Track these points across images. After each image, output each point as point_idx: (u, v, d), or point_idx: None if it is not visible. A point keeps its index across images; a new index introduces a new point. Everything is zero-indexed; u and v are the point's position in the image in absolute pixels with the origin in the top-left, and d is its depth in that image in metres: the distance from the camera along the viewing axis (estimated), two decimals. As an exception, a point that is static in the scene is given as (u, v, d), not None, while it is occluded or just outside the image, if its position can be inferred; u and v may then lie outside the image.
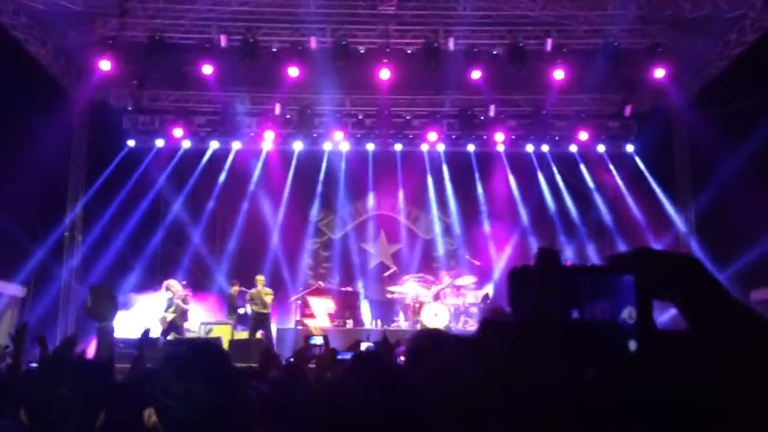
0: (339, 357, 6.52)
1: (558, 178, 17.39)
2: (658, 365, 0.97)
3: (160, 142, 16.81)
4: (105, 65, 13.76)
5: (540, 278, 1.01)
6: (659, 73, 14.32)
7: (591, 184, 17.23)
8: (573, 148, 17.21)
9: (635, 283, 1.00)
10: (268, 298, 13.98)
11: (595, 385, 0.96)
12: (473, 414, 0.97)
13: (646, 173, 16.75)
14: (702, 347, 0.99)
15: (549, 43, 14.19)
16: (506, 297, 1.05)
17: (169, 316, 13.33)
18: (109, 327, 3.04)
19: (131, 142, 16.75)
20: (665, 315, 1.08)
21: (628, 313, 0.99)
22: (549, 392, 0.94)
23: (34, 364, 5.55)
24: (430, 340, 2.84)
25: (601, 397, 0.96)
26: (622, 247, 14.86)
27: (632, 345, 0.98)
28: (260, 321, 13.76)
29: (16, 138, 13.29)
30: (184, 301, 13.64)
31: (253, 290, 14.01)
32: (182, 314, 13.51)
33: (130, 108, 16.11)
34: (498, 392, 0.96)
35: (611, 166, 17.16)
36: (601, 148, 17.16)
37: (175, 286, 13.66)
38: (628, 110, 16.24)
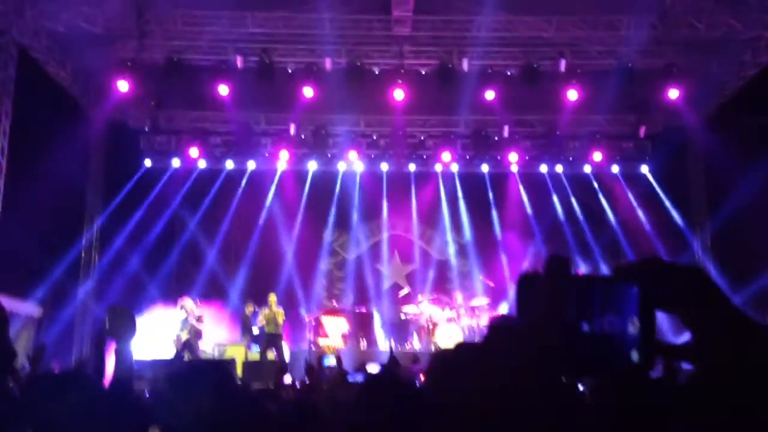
0: (350, 378, 6.52)
1: (572, 198, 17.36)
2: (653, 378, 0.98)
3: (176, 162, 16.95)
4: (123, 86, 13.92)
5: (550, 285, 1.01)
6: (673, 93, 14.31)
7: (605, 205, 17.18)
8: (587, 169, 17.20)
9: (639, 293, 1.01)
10: (280, 318, 13.96)
11: (593, 394, 0.97)
12: (477, 419, 0.98)
13: (661, 194, 16.69)
14: (703, 360, 0.99)
15: (563, 64, 14.23)
16: (515, 303, 1.06)
17: (184, 336, 13.35)
18: (128, 347, 3.06)
19: (148, 162, 16.91)
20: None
21: (632, 324, 1.00)
22: (549, 399, 0.95)
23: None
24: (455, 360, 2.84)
25: (598, 407, 0.97)
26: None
27: (634, 356, 0.98)
28: (272, 341, 13.74)
29: (35, 157, 13.45)
30: (199, 320, 13.66)
31: (266, 310, 14.00)
32: (197, 334, 13.53)
33: (147, 128, 16.29)
34: (501, 397, 0.96)
35: (625, 187, 17.11)
36: (615, 169, 17.13)
37: (189, 305, 13.70)
38: (642, 131, 16.23)
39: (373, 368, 7.56)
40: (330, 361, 10.85)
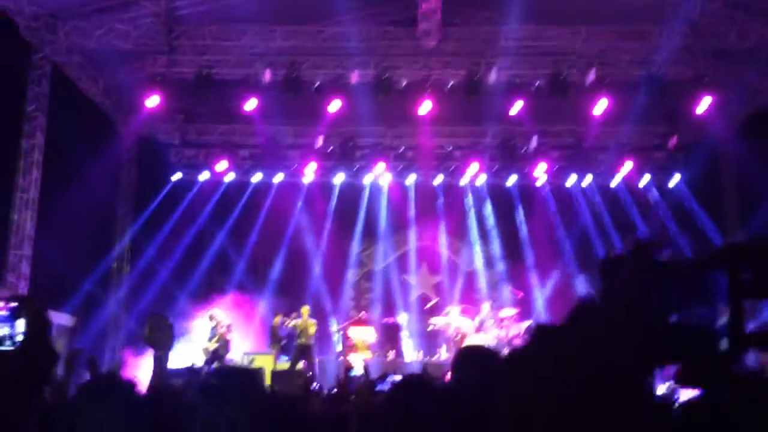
0: (378, 388, 6.51)
1: (601, 210, 17.19)
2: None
3: (205, 175, 17.14)
4: (153, 101, 14.12)
5: (634, 271, 0.98)
6: (705, 103, 14.11)
7: (635, 217, 16.98)
8: (616, 180, 17.02)
9: (728, 281, 0.96)
10: (312, 329, 14.00)
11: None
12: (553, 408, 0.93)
13: (693, 205, 16.45)
14: None
15: (592, 74, 14.13)
16: (596, 287, 1.02)
17: (212, 346, 13.45)
18: (166, 355, 3.10)
19: (177, 175, 17.12)
20: None
21: (720, 313, 0.96)
22: (627, 387, 0.91)
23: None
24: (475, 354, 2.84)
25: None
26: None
27: (723, 344, 0.94)
28: (303, 351, 13.77)
29: (68, 172, 13.70)
30: (227, 330, 13.75)
31: (299, 320, 14.04)
32: (225, 344, 13.62)
33: (176, 142, 16.50)
34: (578, 386, 0.92)
35: (656, 198, 16.90)
36: (645, 180, 16.94)
37: (218, 315, 13.80)
38: (673, 141, 16.03)
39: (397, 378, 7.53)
40: (358, 371, 10.85)
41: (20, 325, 2.12)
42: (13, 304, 2.17)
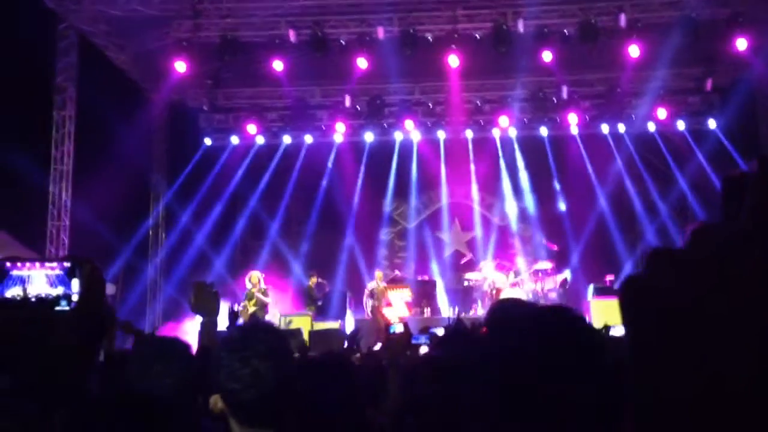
0: (414, 341, 6.54)
1: (636, 158, 16.90)
2: None
3: (235, 140, 17.21)
4: (180, 66, 14.12)
5: (760, 186, 0.91)
6: (741, 44, 13.65)
7: (672, 163, 16.67)
8: (651, 127, 16.68)
9: None
10: (385, 292, 14.42)
11: None
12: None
13: (731, 148, 16.08)
14: None
15: (622, 19, 13.71)
16: (720, 206, 0.93)
17: (250, 309, 13.63)
18: (214, 321, 3.14)
19: (208, 141, 17.21)
20: None
21: None
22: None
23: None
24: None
25: None
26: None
27: None
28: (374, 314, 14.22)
29: (101, 141, 13.84)
30: (265, 293, 13.92)
31: (373, 284, 14.60)
32: (263, 306, 13.80)
33: (205, 107, 16.52)
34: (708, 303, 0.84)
35: (692, 143, 16.55)
36: (681, 125, 16.57)
37: (256, 278, 13.96)
38: (708, 84, 15.59)
39: (438, 332, 7.53)
40: (398, 328, 10.91)
41: (75, 284, 2.14)
42: (68, 264, 2.20)
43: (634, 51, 14.01)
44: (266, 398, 1.92)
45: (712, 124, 16.44)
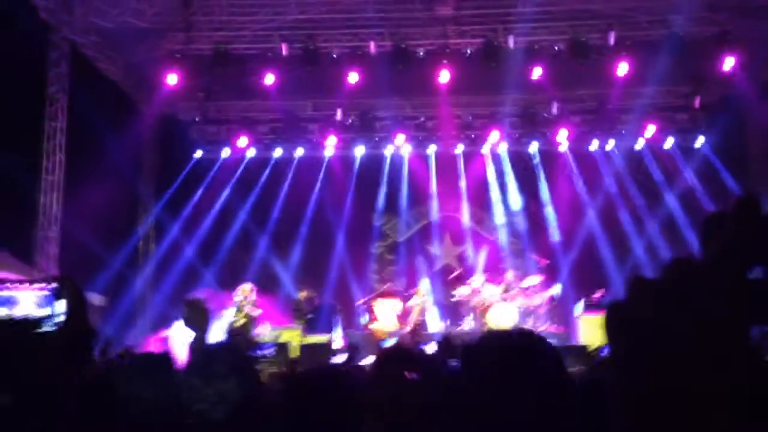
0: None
1: (625, 174, 17.01)
2: None
3: (226, 152, 17.22)
4: (172, 79, 14.15)
5: (738, 225, 0.94)
6: (729, 62, 13.84)
7: (660, 179, 16.79)
8: (640, 143, 16.82)
9: None
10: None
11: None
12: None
13: (719, 165, 16.21)
14: None
15: (611, 37, 13.89)
16: (699, 245, 0.99)
17: (238, 322, 13.56)
18: (205, 338, 3.16)
19: (199, 153, 17.21)
20: None
21: None
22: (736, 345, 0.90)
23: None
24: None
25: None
26: (695, 244, 14.41)
27: None
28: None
29: (91, 152, 13.82)
30: (254, 306, 13.86)
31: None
32: (251, 320, 13.73)
33: (197, 119, 16.54)
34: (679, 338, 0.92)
35: (681, 160, 16.68)
36: (669, 142, 16.71)
37: (245, 290, 13.90)
38: (697, 102, 15.76)
39: (431, 348, 7.58)
40: (389, 343, 10.93)
41: (60, 305, 2.16)
42: (55, 285, 2.22)
43: (623, 68, 14.18)
44: (234, 415, 1.93)
45: (700, 141, 16.59)
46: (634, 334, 0.97)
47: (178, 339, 12.69)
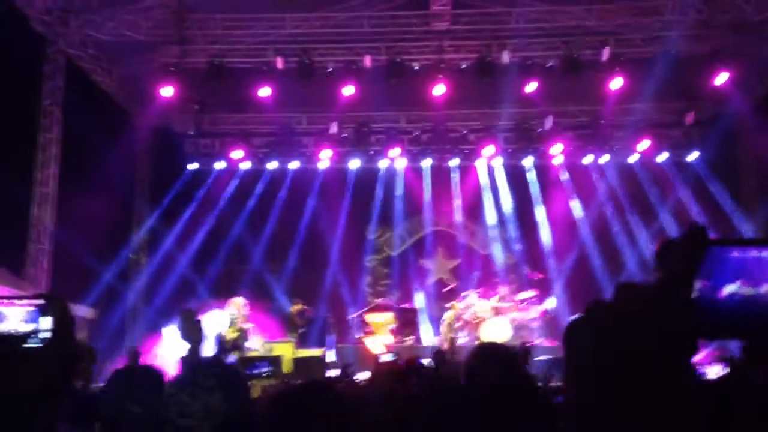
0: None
1: (618, 189, 17.06)
2: None
3: (220, 164, 17.22)
4: (167, 91, 14.16)
5: (683, 249, 1.02)
6: (721, 78, 13.92)
7: (653, 195, 16.84)
8: (633, 158, 16.88)
9: None
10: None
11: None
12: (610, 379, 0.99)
13: (711, 181, 16.28)
14: None
15: (605, 53, 13.97)
16: (654, 266, 1.09)
17: (231, 335, 13.50)
18: (199, 350, 3.15)
19: (193, 165, 17.20)
20: None
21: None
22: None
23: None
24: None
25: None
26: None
27: None
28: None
29: (85, 164, 13.80)
30: (246, 320, 13.81)
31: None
32: (244, 333, 13.68)
33: (191, 132, 16.54)
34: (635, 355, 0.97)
35: (674, 176, 16.75)
36: (662, 158, 16.79)
37: (238, 304, 13.85)
38: (689, 118, 15.84)
39: (427, 362, 7.55)
40: (387, 358, 10.89)
41: (45, 322, 2.16)
42: (41, 302, 2.21)
43: (616, 84, 14.25)
44: (221, 430, 1.92)
45: (693, 156, 16.66)
46: (584, 349, 1.07)
47: (170, 351, 12.63)
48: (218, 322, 13.94)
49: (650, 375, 0.98)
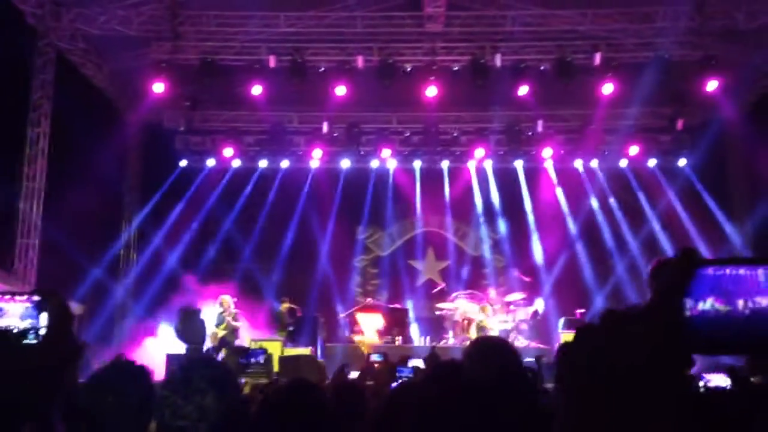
0: (398, 373, 6.54)
1: (608, 193, 17.15)
2: None
3: (211, 162, 17.17)
4: (158, 87, 14.10)
5: (673, 273, 1.04)
6: (712, 85, 13.99)
7: (642, 200, 16.94)
8: (623, 163, 16.97)
9: None
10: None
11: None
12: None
13: (700, 187, 16.39)
14: None
15: (597, 57, 14.02)
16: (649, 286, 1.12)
17: (220, 333, 13.49)
18: (200, 350, 3.13)
19: (183, 162, 17.15)
20: None
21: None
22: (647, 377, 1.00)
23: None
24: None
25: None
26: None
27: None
28: None
29: (74, 159, 13.72)
30: (235, 318, 13.79)
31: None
32: (233, 331, 13.66)
33: (182, 129, 16.47)
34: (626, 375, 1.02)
35: (663, 181, 16.85)
36: (652, 163, 16.89)
37: (227, 302, 13.84)
38: (680, 124, 15.93)
39: (417, 363, 7.55)
40: (377, 357, 10.89)
41: (43, 318, 2.15)
42: (37, 298, 2.20)
43: (608, 89, 14.31)
44: (217, 430, 1.92)
45: (682, 162, 16.77)
46: (574, 371, 1.11)
47: (160, 349, 12.56)
48: (209, 318, 13.94)
49: (646, 389, 1.02)
